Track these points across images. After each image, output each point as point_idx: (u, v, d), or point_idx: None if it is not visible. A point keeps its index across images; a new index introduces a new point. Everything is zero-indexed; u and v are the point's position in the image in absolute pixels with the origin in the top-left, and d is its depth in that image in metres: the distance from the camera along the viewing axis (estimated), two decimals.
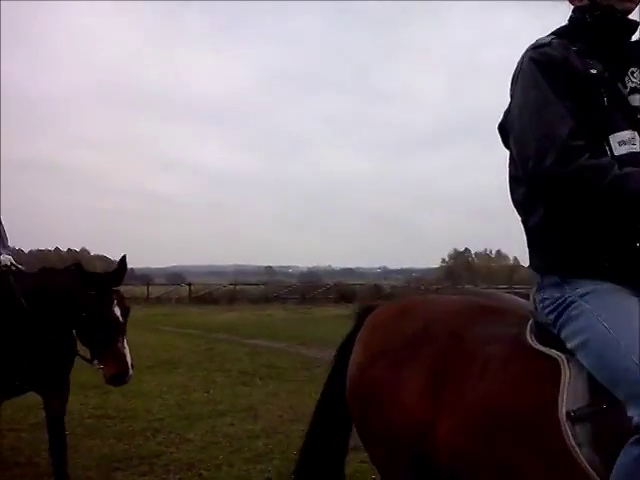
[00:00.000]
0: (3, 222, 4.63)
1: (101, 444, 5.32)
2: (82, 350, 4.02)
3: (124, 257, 4.18)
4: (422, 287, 35.86)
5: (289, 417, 6.43)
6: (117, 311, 3.91)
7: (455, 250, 66.61)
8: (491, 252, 69.86)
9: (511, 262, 59.91)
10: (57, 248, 69.78)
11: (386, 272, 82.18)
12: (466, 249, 68.46)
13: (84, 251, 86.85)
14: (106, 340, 3.82)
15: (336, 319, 21.56)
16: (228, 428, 5.99)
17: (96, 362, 3.89)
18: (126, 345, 3.87)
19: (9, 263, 4.22)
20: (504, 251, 68.50)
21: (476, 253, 69.89)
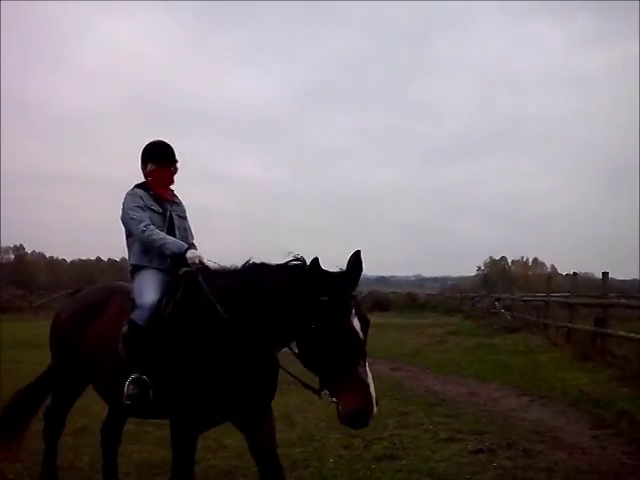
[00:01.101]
0: (190, 223, 4.28)
1: (140, 450, 5.44)
2: (305, 376, 3.27)
3: (358, 252, 3.18)
4: (457, 295, 35.50)
5: (325, 425, 6.44)
6: (356, 324, 3.03)
7: (491, 258, 65.68)
8: (528, 260, 68.72)
9: (548, 270, 58.89)
10: (98, 257, 71.16)
11: (421, 280, 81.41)
12: (502, 257, 67.46)
13: (124, 260, 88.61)
14: (343, 363, 2.92)
15: (371, 328, 21.47)
16: None
17: (325, 392, 3.07)
18: (369, 371, 2.98)
19: (197, 261, 3.59)
20: (541, 259, 67.31)
21: (512, 261, 68.84)
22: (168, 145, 4.09)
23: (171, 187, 4.18)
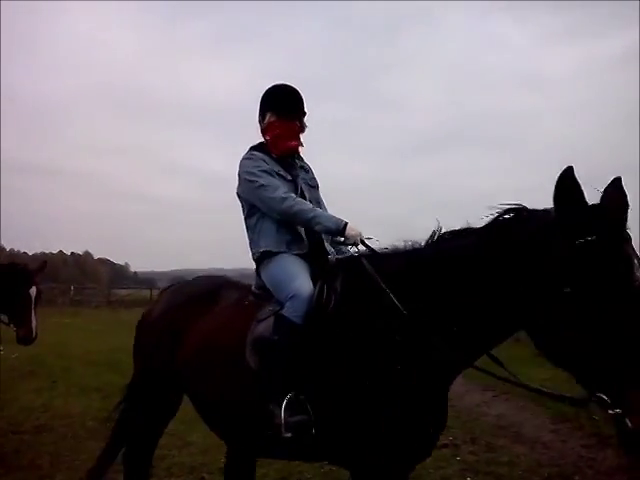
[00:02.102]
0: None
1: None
2: None
3: (619, 179, 2.08)
4: None
5: None
6: None
7: None
8: None
9: None
10: (61, 251, 69.81)
11: None
12: None
13: (87, 254, 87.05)
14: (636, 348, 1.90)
15: None
16: None
17: (603, 400, 2.01)
18: None
19: (358, 240, 2.74)
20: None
21: None
22: (295, 91, 3.08)
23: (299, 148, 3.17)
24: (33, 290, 5.30)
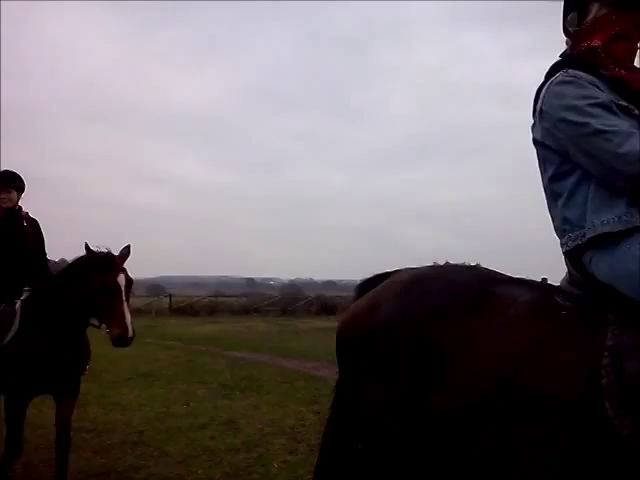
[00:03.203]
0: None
1: (78, 458, 5.21)
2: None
3: None
4: None
5: (270, 430, 6.37)
6: None
7: (435, 263, 66.98)
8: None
9: None
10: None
11: None
12: (446, 262, 68.90)
13: (63, 262, 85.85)
14: None
15: (318, 331, 21.49)
16: (208, 441, 5.92)
17: None
18: None
19: None
20: (483, 264, 69.22)
21: None
22: None
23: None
24: (121, 278, 4.27)
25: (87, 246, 4.31)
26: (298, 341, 17.46)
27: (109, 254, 4.37)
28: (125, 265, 4.42)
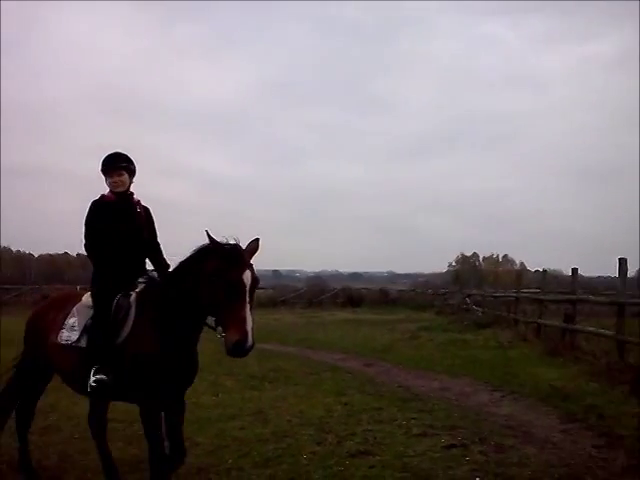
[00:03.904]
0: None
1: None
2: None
3: None
4: (429, 291, 35.82)
5: (298, 421, 6.41)
6: None
7: (462, 255, 66.43)
8: (498, 256, 69.67)
9: (517, 266, 59.77)
10: (66, 253, 69.88)
11: (393, 276, 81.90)
12: (473, 254, 68.28)
13: None
14: None
15: (344, 323, 21.54)
16: (237, 432, 5.98)
17: None
18: None
19: None
20: (511, 256, 68.36)
21: (483, 257, 69.73)
22: None
23: None
24: (247, 276, 3.58)
25: (209, 235, 3.67)
26: (325, 333, 17.51)
27: (236, 246, 3.69)
28: (252, 261, 3.74)
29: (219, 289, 3.54)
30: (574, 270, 12.05)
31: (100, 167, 4.36)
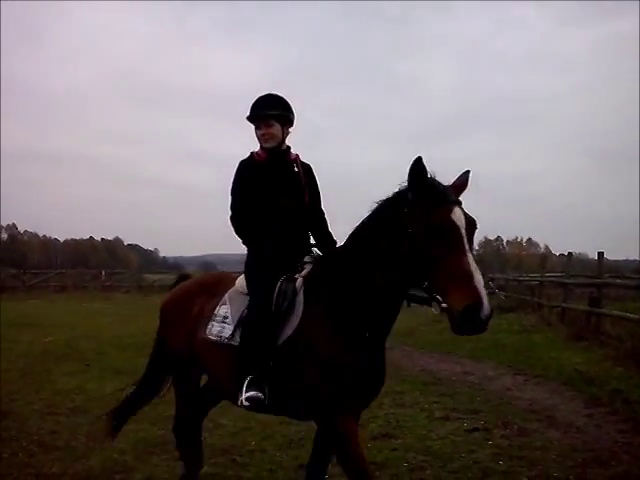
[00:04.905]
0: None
1: (136, 428, 5.41)
2: None
3: None
4: None
5: None
6: None
7: (486, 238, 65.90)
8: (522, 240, 69.03)
9: (542, 250, 59.16)
10: (91, 237, 70.85)
11: None
12: (497, 237, 67.71)
13: (118, 240, 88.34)
14: None
15: None
16: (260, 414, 6.02)
17: None
18: None
19: None
20: (535, 239, 67.64)
21: (507, 241, 69.14)
22: None
23: None
24: (459, 216, 2.70)
25: (418, 164, 2.73)
26: None
27: (435, 181, 2.82)
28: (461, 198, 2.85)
29: (424, 240, 2.64)
30: (600, 254, 11.86)
31: (247, 114, 3.51)
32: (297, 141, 3.58)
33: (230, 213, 3.48)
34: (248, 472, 4.51)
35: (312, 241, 3.54)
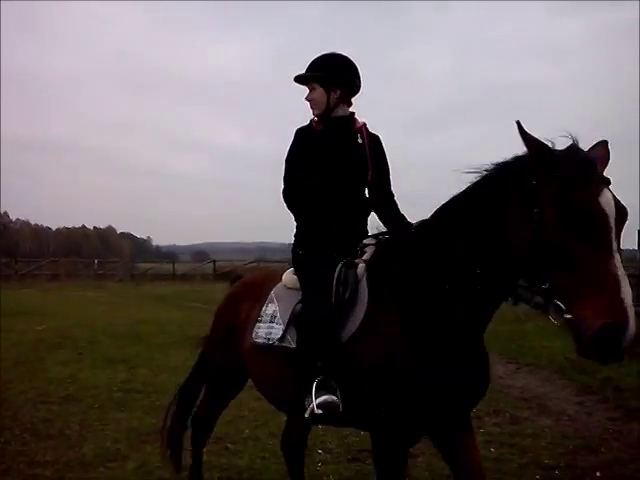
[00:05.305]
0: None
1: (129, 417, 5.43)
2: None
3: None
4: None
5: None
6: None
7: None
8: None
9: None
10: (83, 226, 70.58)
11: None
12: None
13: (111, 229, 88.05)
14: None
15: None
16: (254, 402, 6.03)
17: None
18: None
19: None
20: None
21: None
22: None
23: None
24: (608, 200, 2.00)
25: (522, 129, 2.09)
26: None
27: (577, 149, 2.13)
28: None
29: (557, 228, 2.01)
30: None
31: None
32: (293, 129, 3.36)
33: (282, 186, 3.02)
34: (241, 460, 4.53)
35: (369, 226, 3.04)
